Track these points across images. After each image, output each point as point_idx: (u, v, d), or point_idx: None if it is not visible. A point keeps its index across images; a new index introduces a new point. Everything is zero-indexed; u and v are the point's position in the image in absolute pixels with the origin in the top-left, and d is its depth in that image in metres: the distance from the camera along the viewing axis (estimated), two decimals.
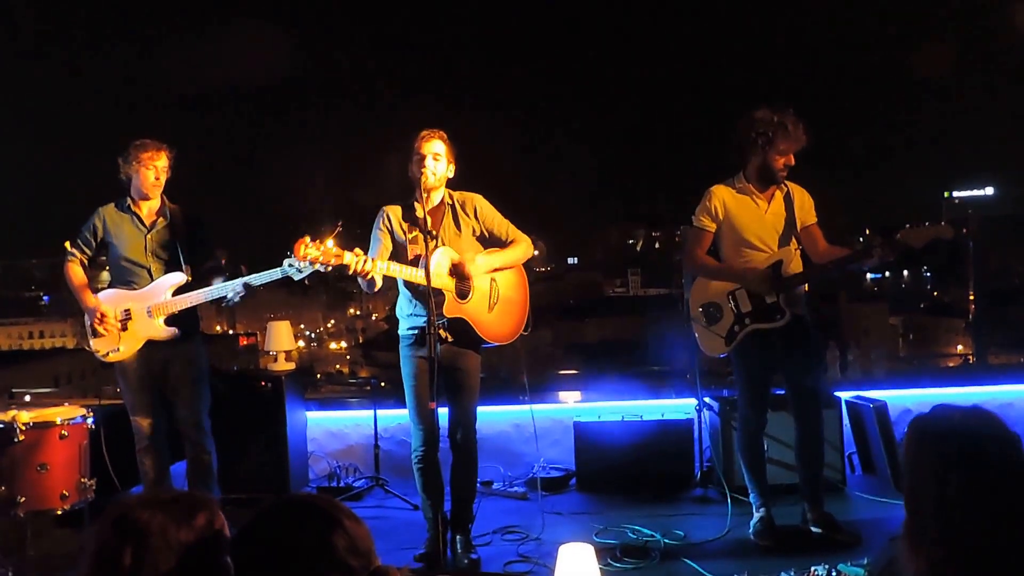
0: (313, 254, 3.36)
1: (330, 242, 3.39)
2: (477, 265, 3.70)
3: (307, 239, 3.36)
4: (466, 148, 3.87)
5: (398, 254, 3.74)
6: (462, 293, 3.69)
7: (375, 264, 3.49)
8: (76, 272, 4.11)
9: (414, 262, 3.64)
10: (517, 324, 3.88)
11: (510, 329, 3.85)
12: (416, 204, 3.68)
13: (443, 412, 3.81)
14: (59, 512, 3.91)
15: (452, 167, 3.77)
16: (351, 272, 3.42)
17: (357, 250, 3.45)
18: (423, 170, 3.64)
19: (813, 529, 3.93)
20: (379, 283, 3.62)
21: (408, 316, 3.78)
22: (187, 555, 1.47)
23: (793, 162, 3.83)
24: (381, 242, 3.76)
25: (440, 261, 3.62)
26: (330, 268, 3.39)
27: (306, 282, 3.69)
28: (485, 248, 3.83)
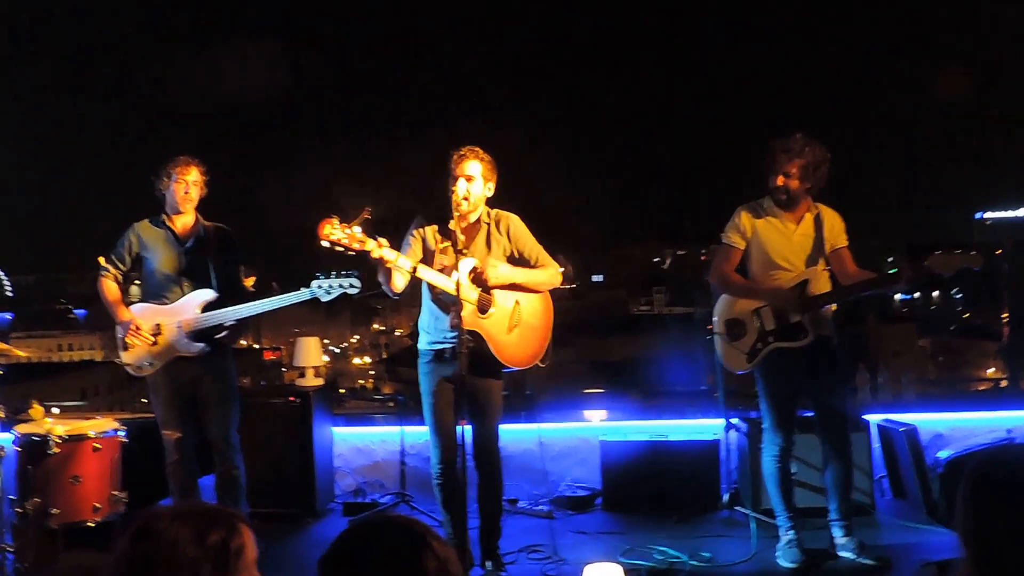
0: (336, 235, 3.26)
1: (357, 228, 3.28)
2: (498, 272, 3.65)
3: (335, 220, 3.25)
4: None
5: (426, 264, 3.76)
6: (482, 307, 3.68)
7: (398, 257, 3.43)
8: (110, 287, 4.17)
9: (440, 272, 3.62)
10: (536, 351, 3.81)
11: (528, 355, 3.78)
12: (452, 220, 3.70)
13: (466, 429, 3.81)
14: (91, 524, 3.97)
15: (491, 185, 3.72)
16: (373, 259, 3.36)
17: (381, 240, 3.37)
18: (455, 191, 3.61)
19: (842, 554, 3.89)
20: (401, 286, 3.56)
21: (430, 330, 3.76)
22: (194, 571, 1.49)
23: (795, 184, 3.83)
24: (411, 247, 3.72)
25: (463, 269, 3.60)
26: (352, 252, 3.30)
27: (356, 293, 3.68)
28: None
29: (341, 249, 3.29)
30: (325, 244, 3.29)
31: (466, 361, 3.35)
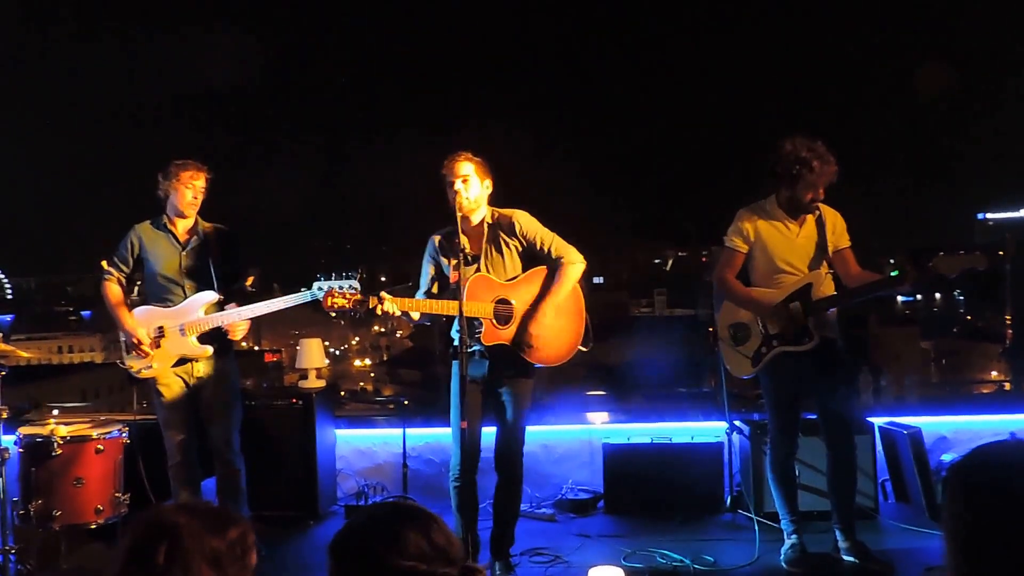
0: (340, 303, 3.60)
1: (356, 288, 3.59)
2: (535, 332, 3.65)
3: (334, 290, 3.62)
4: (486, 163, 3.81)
5: (443, 281, 3.79)
6: (502, 318, 3.68)
7: (405, 303, 3.62)
8: (114, 291, 4.17)
9: (455, 288, 3.64)
10: (571, 342, 3.77)
11: (563, 349, 3.76)
12: (457, 230, 3.71)
13: (490, 432, 3.84)
14: (93, 526, 3.97)
15: (488, 182, 3.75)
16: (380, 314, 3.61)
17: (383, 293, 3.61)
18: (456, 196, 3.65)
19: (845, 557, 3.87)
20: (418, 315, 3.69)
21: (457, 334, 3.78)
22: (216, 564, 1.51)
23: (822, 196, 3.81)
24: (429, 272, 3.82)
25: (479, 288, 3.63)
26: (358, 312, 3.62)
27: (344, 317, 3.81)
28: (530, 264, 3.79)
29: (346, 312, 3.65)
30: (332, 314, 3.69)
31: (466, 365, 3.40)
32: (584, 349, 3.81)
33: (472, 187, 3.69)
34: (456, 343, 3.75)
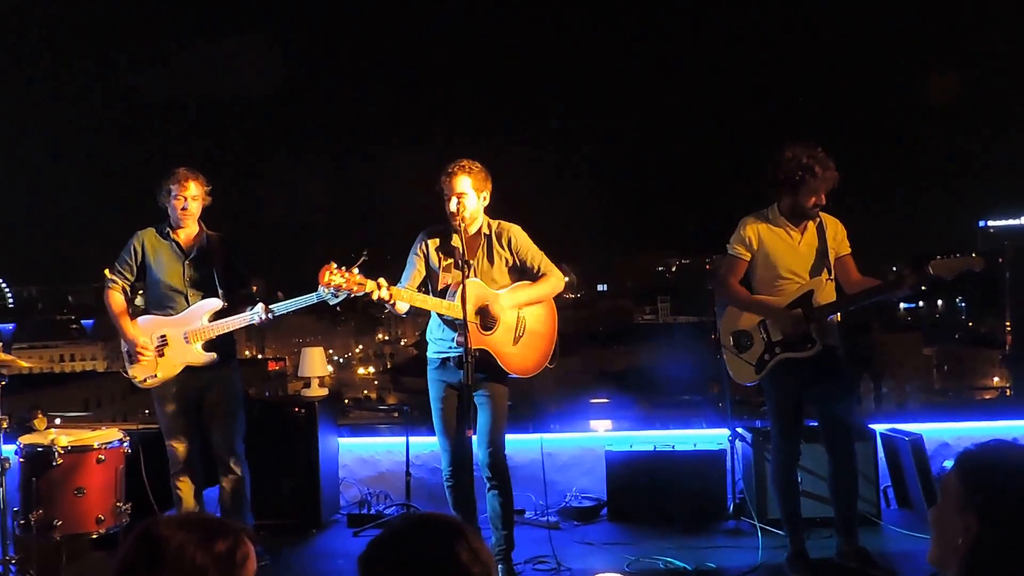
0: (337, 281, 3.45)
1: (355, 269, 3.46)
2: (502, 306, 3.71)
3: (333, 266, 3.44)
4: (491, 171, 3.83)
5: (430, 281, 3.78)
6: (486, 324, 3.70)
7: (400, 293, 3.58)
8: (116, 300, 4.16)
9: (443, 291, 3.69)
10: (542, 357, 3.87)
11: (534, 362, 3.84)
12: (453, 234, 3.72)
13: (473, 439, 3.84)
14: (94, 536, 3.96)
15: (485, 195, 3.76)
16: (375, 300, 3.51)
17: (381, 280, 3.52)
18: (451, 210, 3.67)
19: (847, 563, 3.86)
20: (405, 308, 3.68)
21: (436, 340, 3.81)
22: None
23: (824, 201, 3.82)
24: (415, 267, 3.81)
25: (467, 294, 3.64)
26: (353, 295, 3.49)
27: (338, 308, 3.75)
28: (517, 278, 3.84)
29: (343, 294, 3.48)
30: (326, 291, 3.50)
31: (471, 374, 3.41)
32: (550, 366, 3.89)
33: (468, 202, 3.69)
34: (436, 348, 3.80)
